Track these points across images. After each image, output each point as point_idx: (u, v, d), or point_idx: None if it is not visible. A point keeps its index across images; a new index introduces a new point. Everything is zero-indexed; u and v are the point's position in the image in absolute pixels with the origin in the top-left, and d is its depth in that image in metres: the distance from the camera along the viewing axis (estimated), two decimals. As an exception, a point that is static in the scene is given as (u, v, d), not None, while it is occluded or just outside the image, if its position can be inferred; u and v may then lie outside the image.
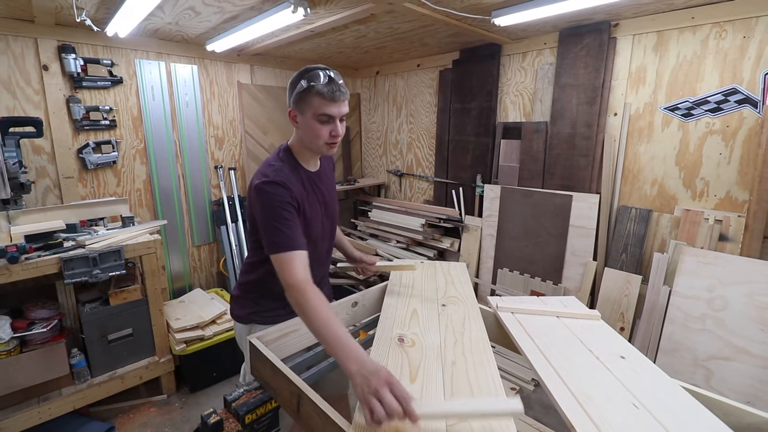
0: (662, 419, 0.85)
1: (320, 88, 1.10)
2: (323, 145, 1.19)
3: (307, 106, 1.14)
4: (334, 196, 1.44)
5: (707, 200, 2.04)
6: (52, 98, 2.40)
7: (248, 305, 1.37)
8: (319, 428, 0.91)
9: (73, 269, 1.92)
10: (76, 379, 2.04)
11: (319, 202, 1.31)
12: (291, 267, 1.06)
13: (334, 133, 1.17)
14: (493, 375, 0.99)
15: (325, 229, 1.37)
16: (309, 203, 1.25)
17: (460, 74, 2.99)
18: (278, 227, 1.11)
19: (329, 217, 1.39)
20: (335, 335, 0.92)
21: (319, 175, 1.33)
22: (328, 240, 1.43)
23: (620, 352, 1.12)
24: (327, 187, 1.36)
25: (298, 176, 1.24)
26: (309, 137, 1.19)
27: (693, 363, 1.59)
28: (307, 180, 1.27)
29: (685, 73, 2.06)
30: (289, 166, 1.23)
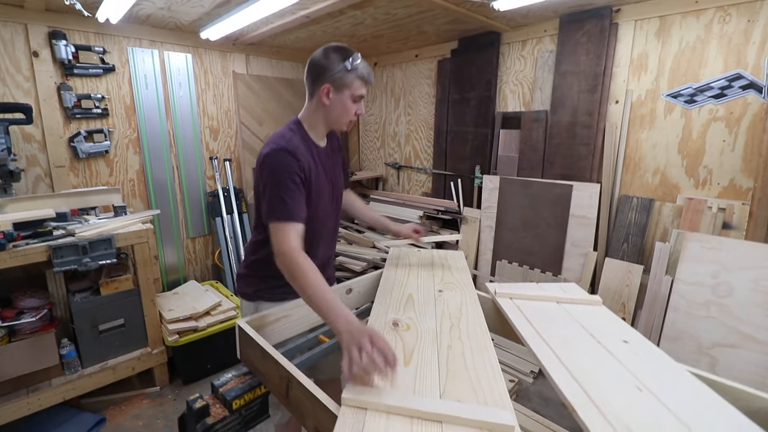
0: (668, 402, 0.81)
1: (362, 71, 1.18)
2: (347, 122, 1.25)
3: (346, 86, 1.18)
4: (340, 175, 1.44)
5: (710, 188, 2.00)
6: (43, 85, 2.35)
7: (255, 283, 1.35)
8: (308, 412, 0.88)
9: (63, 257, 1.88)
10: (67, 369, 2.00)
11: (327, 177, 1.31)
12: (286, 235, 1.09)
13: (359, 112, 1.24)
14: (491, 359, 0.95)
15: (332, 205, 1.37)
16: (317, 176, 1.25)
17: (459, 64, 2.94)
18: (281, 196, 1.12)
19: (336, 194, 1.39)
20: (325, 298, 0.98)
21: (326, 151, 1.34)
22: (334, 218, 1.42)
23: (623, 337, 1.08)
24: (333, 166, 1.37)
25: (308, 148, 1.24)
26: (337, 114, 1.23)
27: (697, 351, 1.55)
28: (317, 153, 1.27)
29: (688, 58, 2.02)
30: (299, 138, 1.24)
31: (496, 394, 0.81)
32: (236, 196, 3.12)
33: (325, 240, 1.37)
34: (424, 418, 0.74)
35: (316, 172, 1.25)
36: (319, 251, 1.36)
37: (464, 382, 0.86)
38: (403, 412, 0.75)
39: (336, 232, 1.48)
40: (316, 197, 1.25)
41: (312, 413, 0.86)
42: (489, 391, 0.82)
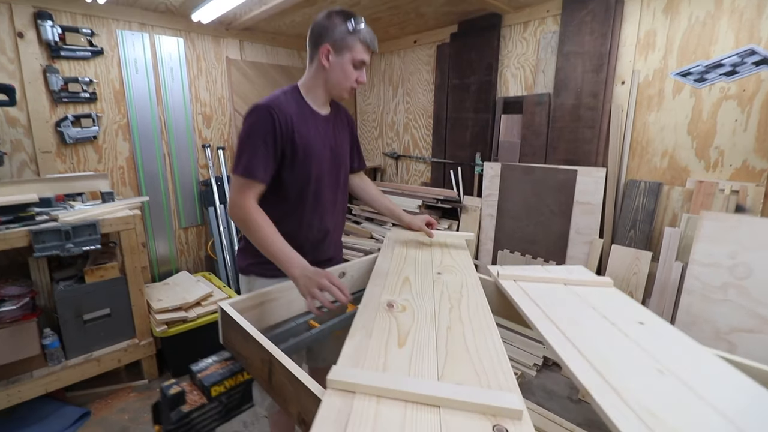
0: (693, 385, 0.73)
1: (365, 35, 1.14)
2: (347, 88, 1.19)
3: (347, 49, 1.15)
4: (346, 149, 1.37)
5: (722, 171, 1.91)
6: (28, 67, 2.27)
7: (248, 257, 1.30)
8: (291, 398, 0.79)
9: (44, 242, 1.80)
10: (49, 360, 1.92)
11: (324, 145, 1.24)
12: (242, 191, 1.10)
13: (361, 79, 1.19)
14: (495, 340, 0.86)
15: (331, 176, 1.30)
16: (307, 139, 1.18)
17: (459, 48, 2.85)
18: (247, 152, 1.10)
19: (338, 167, 1.32)
20: (280, 247, 1.05)
21: (327, 120, 1.28)
22: (334, 191, 1.33)
23: (638, 318, 0.99)
24: (336, 135, 1.31)
25: (301, 111, 1.19)
26: (336, 78, 1.18)
27: (714, 336, 1.46)
28: (312, 118, 1.22)
29: (697, 35, 1.93)
30: (291, 99, 1.19)
31: (500, 377, 0.73)
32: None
33: (318, 211, 1.28)
34: (420, 402, 0.65)
35: (307, 135, 1.18)
36: (312, 220, 1.28)
37: (465, 364, 0.77)
38: (396, 396, 0.66)
39: (338, 207, 1.39)
40: (305, 160, 1.19)
41: (295, 398, 0.77)
42: (493, 373, 0.74)
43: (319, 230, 1.30)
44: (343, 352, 0.80)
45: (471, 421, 0.61)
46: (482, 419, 0.61)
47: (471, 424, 0.60)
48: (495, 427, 0.59)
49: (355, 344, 0.83)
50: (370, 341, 0.84)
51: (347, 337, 0.86)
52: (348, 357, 0.78)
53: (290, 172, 1.19)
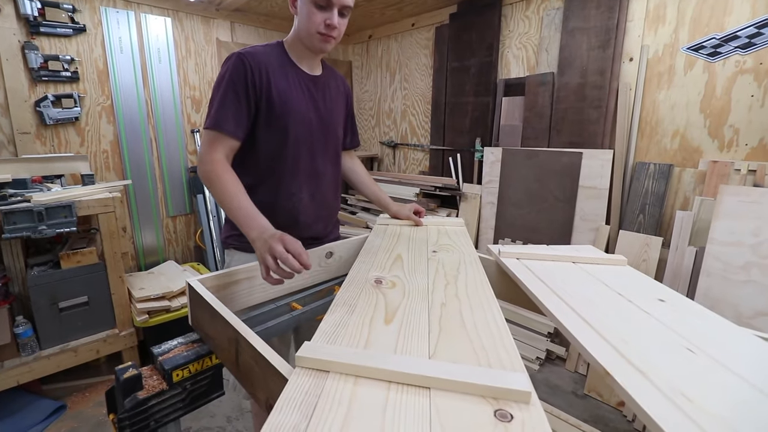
0: (731, 365, 0.62)
1: None
2: (315, 35, 1.03)
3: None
4: (337, 117, 1.24)
5: (737, 150, 1.80)
6: (5, 43, 2.15)
7: (229, 227, 1.20)
8: (258, 380, 0.68)
9: (15, 223, 1.68)
10: (22, 350, 1.81)
11: (306, 101, 1.11)
12: (211, 147, 1.01)
13: (329, 22, 1.01)
14: (495, 316, 0.75)
15: (319, 144, 1.17)
16: (287, 95, 1.07)
17: (458, 29, 2.73)
18: (218, 102, 1.01)
19: (327, 134, 1.19)
20: (242, 206, 0.94)
21: (316, 81, 1.15)
22: (324, 160, 1.20)
23: (658, 296, 0.88)
24: (326, 98, 1.18)
25: (283, 67, 1.08)
26: (303, 24, 1.04)
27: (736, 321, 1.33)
28: (293, 72, 1.10)
29: (711, 6, 1.81)
30: (272, 52, 1.09)
31: (502, 354, 0.61)
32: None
33: (299, 179, 1.15)
34: (407, 383, 0.54)
35: (286, 89, 1.07)
36: (291, 188, 1.14)
37: (461, 341, 0.66)
38: (377, 375, 0.55)
39: (326, 180, 1.24)
40: (282, 117, 1.07)
41: (262, 381, 0.66)
42: (494, 351, 0.62)
43: (300, 201, 1.16)
44: (319, 328, 0.69)
45: (467, 404, 0.50)
46: (481, 403, 0.50)
47: (467, 409, 0.49)
48: (497, 412, 0.48)
49: (334, 320, 0.71)
50: (352, 317, 0.73)
51: (327, 313, 0.75)
52: (325, 333, 0.67)
53: (266, 129, 1.07)
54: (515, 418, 0.47)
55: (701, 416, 0.50)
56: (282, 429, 0.45)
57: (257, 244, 0.86)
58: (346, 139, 1.35)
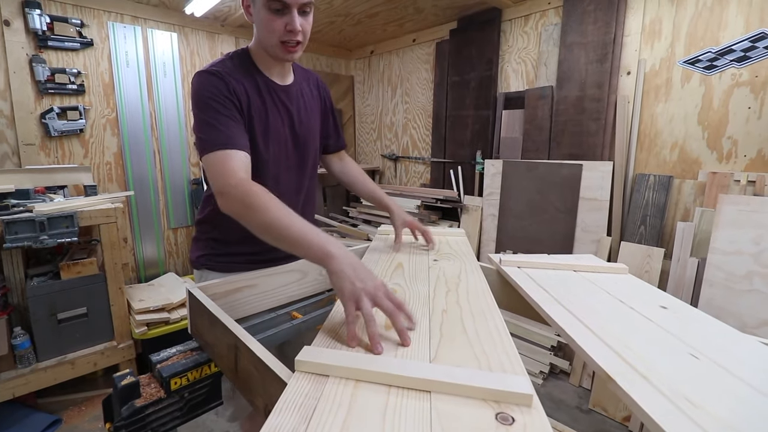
0: (734, 370, 0.61)
1: None
2: (277, 44, 0.93)
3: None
4: (313, 129, 1.15)
5: (735, 162, 1.81)
6: (14, 56, 2.20)
7: (200, 247, 1.14)
8: (257, 385, 0.67)
9: (17, 233, 1.68)
10: (19, 362, 1.79)
11: (281, 118, 1.05)
12: (229, 166, 0.85)
13: (290, 27, 0.90)
14: (497, 322, 0.75)
15: (295, 159, 1.10)
16: (262, 113, 1.00)
17: (458, 44, 2.79)
18: (209, 122, 0.90)
19: (302, 148, 1.12)
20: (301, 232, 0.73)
21: (287, 90, 1.07)
22: (301, 176, 1.13)
23: (660, 303, 0.87)
24: (300, 109, 1.10)
25: (251, 78, 1.00)
26: (261, 33, 0.95)
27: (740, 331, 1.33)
28: (265, 86, 1.02)
29: (705, 21, 1.85)
30: (238, 63, 1.00)
31: (504, 359, 0.61)
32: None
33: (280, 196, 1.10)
34: (407, 387, 0.53)
35: (262, 107, 1.00)
36: None
37: (462, 346, 0.65)
38: (377, 379, 0.55)
39: (302, 196, 1.16)
40: (261, 139, 1.00)
41: (261, 386, 0.65)
42: (495, 356, 0.62)
43: None
44: (319, 333, 0.68)
45: (468, 407, 0.49)
46: (482, 406, 0.49)
47: (468, 412, 0.48)
48: (498, 416, 0.47)
49: (334, 325, 0.71)
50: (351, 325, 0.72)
51: (326, 320, 0.74)
52: (325, 339, 0.66)
53: None
54: (517, 421, 0.46)
55: (705, 419, 0.49)
56: (281, 431, 0.45)
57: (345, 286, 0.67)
58: (329, 141, 1.27)
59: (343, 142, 1.33)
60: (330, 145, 1.28)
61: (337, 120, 1.29)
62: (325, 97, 1.22)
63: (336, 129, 1.28)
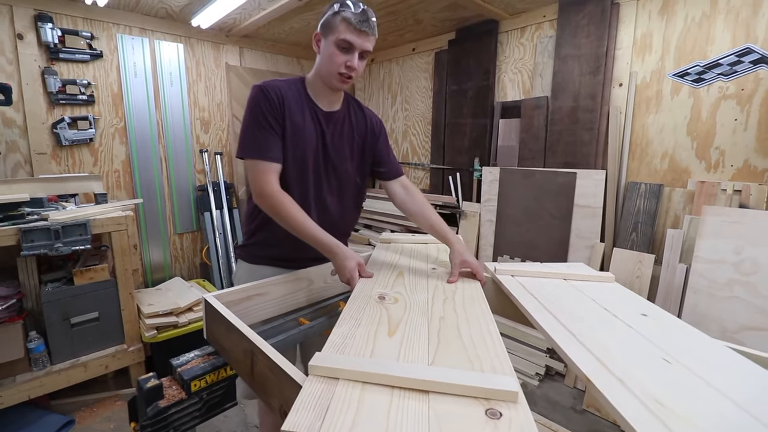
0: (701, 373, 0.68)
1: (349, 14, 1.06)
2: (336, 74, 1.11)
3: (331, 30, 1.09)
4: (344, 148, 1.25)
5: (723, 171, 1.88)
6: (26, 69, 2.27)
7: (243, 240, 1.32)
8: (273, 388, 0.74)
9: (33, 241, 1.76)
10: (34, 365, 1.86)
11: (316, 137, 1.18)
12: (264, 176, 1.08)
13: (350, 64, 1.09)
14: (489, 327, 0.82)
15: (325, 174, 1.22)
16: (299, 126, 1.14)
17: (456, 54, 2.87)
18: (254, 131, 1.09)
19: (331, 167, 1.23)
20: (314, 235, 1.06)
21: (330, 117, 1.21)
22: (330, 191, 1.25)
23: (641, 311, 0.95)
24: (335, 136, 1.22)
25: (299, 100, 1.16)
26: (324, 64, 1.12)
27: (721, 336, 1.40)
28: (309, 107, 1.17)
29: (694, 36, 1.92)
30: (292, 86, 1.17)
31: (495, 361, 0.68)
32: (226, 190, 3.01)
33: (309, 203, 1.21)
34: (408, 387, 0.61)
35: (298, 120, 1.14)
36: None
37: (458, 350, 0.72)
38: (382, 381, 0.62)
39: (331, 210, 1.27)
40: (291, 141, 1.13)
41: (276, 388, 0.73)
42: (487, 358, 0.69)
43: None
44: (328, 340, 0.75)
45: (462, 406, 0.56)
46: (474, 404, 0.57)
47: (462, 409, 0.56)
48: (488, 411, 0.54)
49: (342, 332, 0.78)
50: (358, 330, 0.79)
51: (335, 326, 0.81)
52: (334, 345, 0.74)
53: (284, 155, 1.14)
54: (504, 416, 0.53)
55: (671, 418, 0.56)
56: (299, 427, 0.52)
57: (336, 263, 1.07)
58: (382, 168, 1.35)
59: (398, 170, 1.37)
60: (384, 172, 1.35)
61: (390, 150, 1.38)
62: (373, 131, 1.31)
63: (389, 157, 1.36)
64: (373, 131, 1.32)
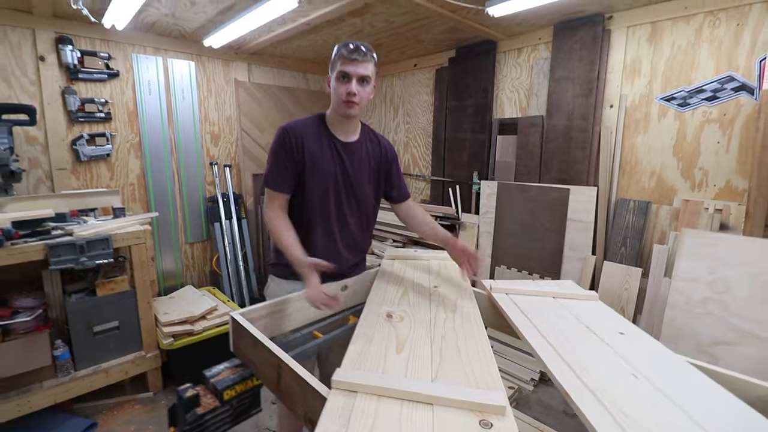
0: (664, 388, 0.80)
1: (343, 50, 1.24)
2: (342, 102, 1.27)
3: (333, 68, 1.28)
4: (364, 176, 1.41)
5: (706, 190, 2.01)
6: (48, 89, 2.40)
7: (273, 257, 1.46)
8: (299, 399, 0.86)
9: (60, 256, 1.88)
10: (59, 371, 1.98)
11: (335, 165, 1.34)
12: (269, 201, 1.33)
13: (349, 90, 1.24)
14: (484, 346, 0.94)
15: (345, 197, 1.39)
16: (319, 159, 1.32)
17: (456, 72, 2.99)
18: (271, 166, 1.32)
19: (351, 191, 1.39)
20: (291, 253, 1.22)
21: (348, 147, 1.37)
22: (350, 213, 1.42)
23: (619, 329, 1.07)
24: (354, 162, 1.38)
25: (318, 135, 1.34)
26: (333, 97, 1.30)
27: (696, 349, 1.53)
28: (329, 142, 1.34)
29: (680, 62, 2.05)
30: (311, 123, 1.35)
31: (487, 378, 0.80)
32: (235, 201, 3.13)
33: (324, 225, 1.38)
34: (415, 400, 0.73)
35: (317, 153, 1.31)
36: (316, 234, 1.37)
37: (457, 367, 0.85)
38: (393, 395, 0.74)
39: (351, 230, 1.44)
40: (311, 174, 1.31)
41: (302, 399, 0.85)
42: (481, 375, 0.81)
43: (324, 245, 1.37)
44: (346, 356, 0.88)
45: (460, 416, 0.69)
46: (470, 415, 0.69)
47: (460, 419, 0.68)
48: (481, 422, 0.67)
49: (357, 349, 0.90)
50: (371, 347, 0.92)
51: (350, 343, 0.94)
52: (351, 361, 0.86)
53: (305, 183, 1.32)
54: (494, 426, 0.66)
55: (632, 427, 0.69)
56: (329, 433, 0.64)
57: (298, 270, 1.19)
58: (393, 192, 1.53)
59: (406, 193, 1.57)
60: (394, 196, 1.54)
61: (401, 176, 1.56)
62: (386, 157, 1.48)
63: (399, 183, 1.53)
64: (386, 158, 1.49)
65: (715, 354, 1.50)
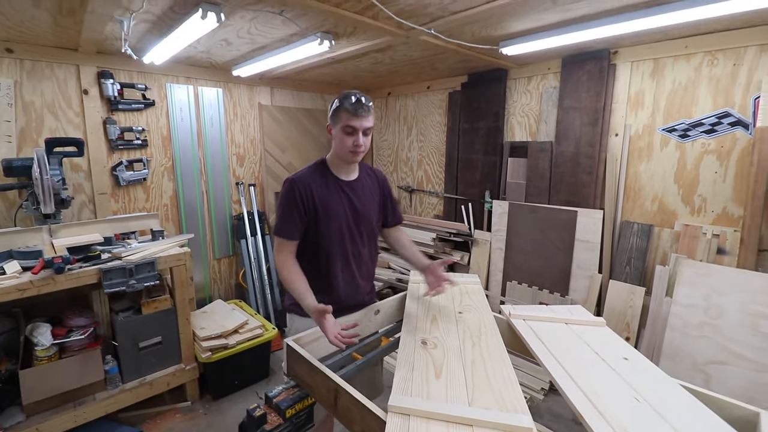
0: (661, 411, 0.96)
1: (348, 105, 1.35)
2: (348, 152, 1.40)
3: (337, 120, 1.39)
4: (371, 210, 1.57)
5: (705, 216, 2.16)
6: (91, 120, 2.59)
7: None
8: (356, 418, 1.03)
9: (112, 279, 2.06)
10: (109, 384, 2.16)
11: (344, 205, 1.48)
12: (278, 248, 1.46)
13: (356, 143, 1.38)
14: (509, 373, 1.11)
15: (356, 232, 1.52)
16: (326, 201, 1.44)
17: (469, 96, 3.16)
18: (279, 215, 1.45)
19: (361, 225, 1.53)
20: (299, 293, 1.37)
21: (352, 185, 1.52)
22: (361, 245, 1.55)
23: (623, 354, 1.23)
24: (361, 198, 1.53)
25: (324, 179, 1.46)
26: (338, 145, 1.42)
27: (692, 367, 1.69)
28: (334, 184, 1.47)
29: (680, 97, 2.21)
30: (315, 170, 1.48)
31: (515, 402, 0.97)
32: (259, 218, 3.32)
33: (342, 261, 1.50)
34: (458, 422, 0.90)
35: (327, 199, 1.44)
36: (337, 270, 1.50)
37: (488, 392, 1.01)
38: (440, 417, 0.91)
39: (363, 259, 1.58)
40: (324, 218, 1.43)
41: (359, 419, 1.02)
42: (509, 399, 0.98)
43: (344, 279, 1.52)
44: (394, 382, 1.04)
45: (495, 436, 0.86)
46: (503, 435, 0.86)
47: (496, 439, 0.85)
48: (513, 441, 0.84)
49: (402, 376, 1.07)
50: (413, 374, 1.09)
51: (396, 369, 1.11)
52: (399, 387, 1.03)
53: (316, 227, 1.45)
54: (523, 445, 0.82)
55: (635, 445, 0.85)
56: (393, 451, 0.81)
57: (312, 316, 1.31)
58: (388, 219, 1.67)
59: (399, 219, 1.72)
60: (388, 221, 1.68)
61: (395, 203, 1.70)
62: (382, 186, 1.64)
63: (393, 210, 1.69)
64: (383, 188, 1.65)
65: (709, 372, 1.66)
